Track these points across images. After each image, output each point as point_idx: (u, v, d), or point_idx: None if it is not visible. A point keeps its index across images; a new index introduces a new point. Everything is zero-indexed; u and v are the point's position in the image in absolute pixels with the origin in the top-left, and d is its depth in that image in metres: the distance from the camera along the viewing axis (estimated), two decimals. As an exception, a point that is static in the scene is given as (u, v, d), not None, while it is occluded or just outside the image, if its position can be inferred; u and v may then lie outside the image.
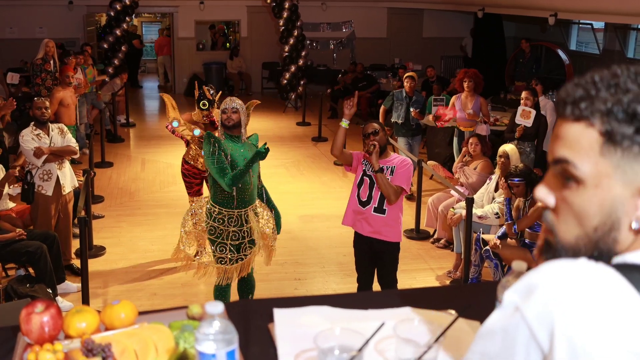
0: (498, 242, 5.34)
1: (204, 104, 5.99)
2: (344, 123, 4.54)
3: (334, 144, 4.60)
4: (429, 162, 7.56)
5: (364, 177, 4.59)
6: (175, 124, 5.89)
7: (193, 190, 6.22)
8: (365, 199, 4.60)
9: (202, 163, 5.98)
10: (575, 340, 0.89)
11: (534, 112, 6.95)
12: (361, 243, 4.76)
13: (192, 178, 6.17)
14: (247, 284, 4.87)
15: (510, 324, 0.98)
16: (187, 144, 6.10)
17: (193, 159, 6.08)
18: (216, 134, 4.51)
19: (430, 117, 8.50)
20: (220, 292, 4.69)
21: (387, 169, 4.50)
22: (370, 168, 4.51)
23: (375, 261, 4.78)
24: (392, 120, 8.57)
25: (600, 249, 1.02)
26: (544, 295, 0.94)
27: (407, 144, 8.34)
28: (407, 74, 8.63)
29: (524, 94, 7.20)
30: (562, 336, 0.90)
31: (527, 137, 7.11)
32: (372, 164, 4.39)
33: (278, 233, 4.83)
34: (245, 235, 4.55)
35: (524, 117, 6.96)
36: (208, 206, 4.56)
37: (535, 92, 7.47)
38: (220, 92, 6.29)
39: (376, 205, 4.57)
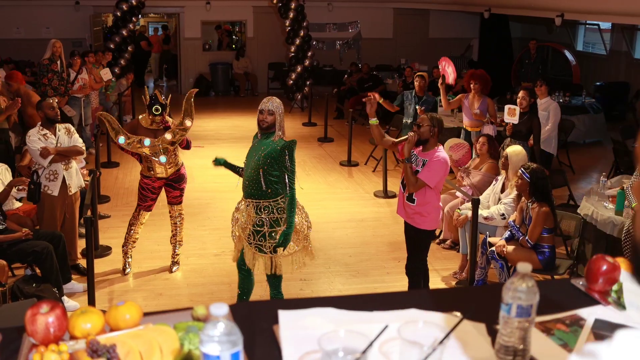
0: (505, 247, 5.31)
1: (156, 109, 5.61)
2: (372, 121, 4.95)
3: (375, 140, 5.12)
4: (448, 141, 7.53)
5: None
6: (121, 140, 5.54)
7: (146, 204, 5.94)
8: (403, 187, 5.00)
9: (160, 173, 5.77)
10: None
11: (518, 109, 7.05)
12: (405, 226, 5.13)
13: (150, 192, 5.89)
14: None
15: None
16: (140, 159, 5.80)
17: (146, 169, 5.80)
18: None
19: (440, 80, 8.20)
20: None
21: (420, 161, 4.79)
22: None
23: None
24: (403, 120, 8.61)
25: None
26: None
27: None
28: (417, 74, 8.64)
29: (520, 94, 7.24)
30: None
31: (519, 136, 7.12)
32: (405, 151, 4.75)
33: (278, 246, 4.52)
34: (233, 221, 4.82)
35: (510, 115, 7.10)
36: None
37: (533, 93, 7.49)
38: (170, 96, 5.98)
39: (407, 194, 4.89)
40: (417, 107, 8.18)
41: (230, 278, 5.54)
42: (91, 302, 5.11)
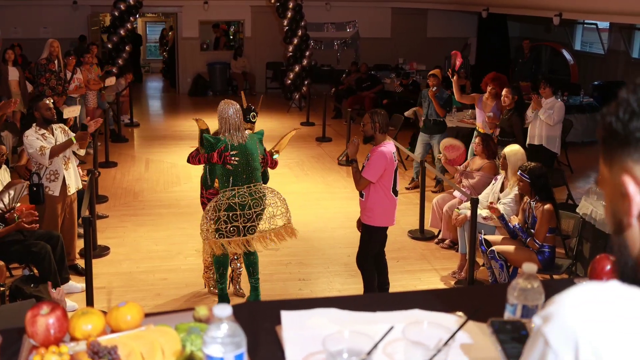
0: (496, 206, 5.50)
1: (253, 116, 5.35)
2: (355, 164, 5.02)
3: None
4: (443, 141, 7.53)
5: None
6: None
7: None
8: None
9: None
10: (600, 350, 0.88)
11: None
12: None
13: None
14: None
15: (536, 347, 0.97)
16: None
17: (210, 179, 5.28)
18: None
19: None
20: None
21: (367, 158, 4.98)
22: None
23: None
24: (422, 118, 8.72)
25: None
26: (563, 313, 0.93)
27: (423, 143, 8.44)
28: (430, 73, 8.60)
29: (504, 92, 7.22)
30: (587, 345, 0.88)
31: (505, 135, 7.19)
32: (350, 153, 4.93)
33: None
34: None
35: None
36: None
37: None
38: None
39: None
40: (429, 89, 8.31)
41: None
42: (89, 302, 5.10)
